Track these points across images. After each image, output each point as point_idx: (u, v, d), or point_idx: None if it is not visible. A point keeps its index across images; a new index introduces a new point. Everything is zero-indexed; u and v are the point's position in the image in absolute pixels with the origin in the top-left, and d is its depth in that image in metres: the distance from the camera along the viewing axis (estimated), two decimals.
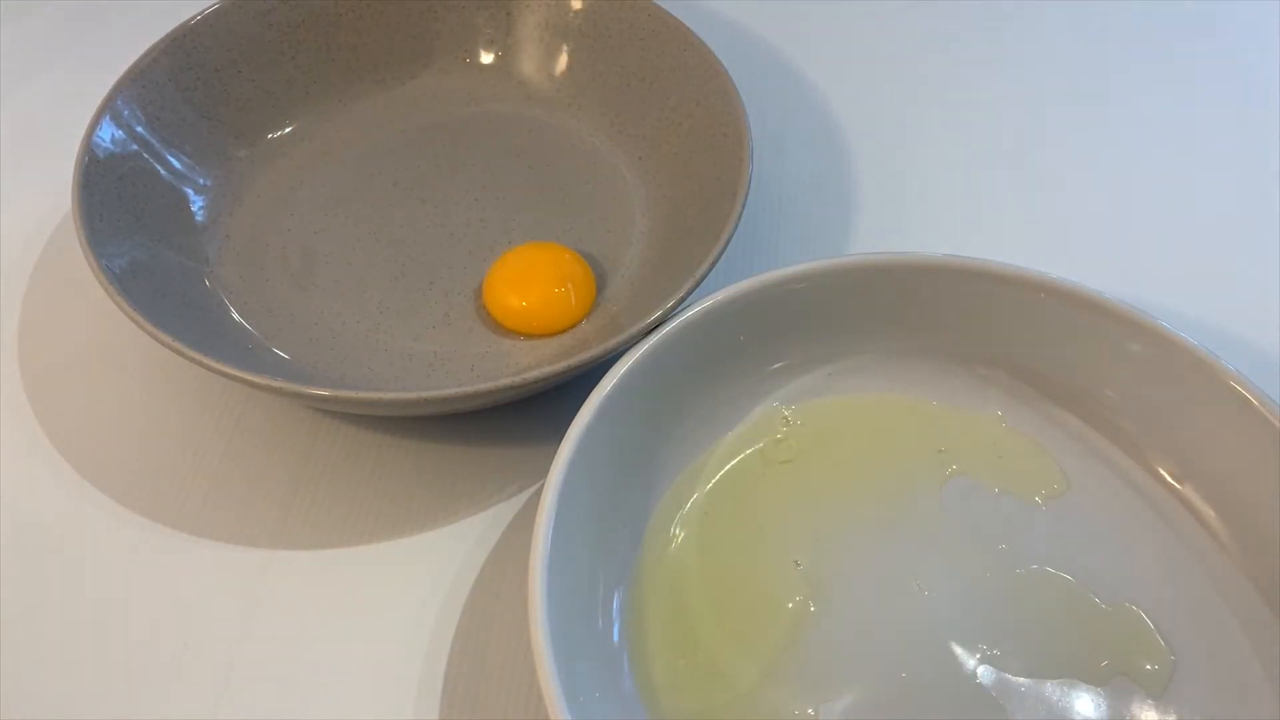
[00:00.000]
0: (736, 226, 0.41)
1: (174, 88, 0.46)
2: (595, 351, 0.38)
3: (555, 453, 0.35)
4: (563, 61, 0.51)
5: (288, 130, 0.49)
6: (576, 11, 0.50)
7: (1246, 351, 0.44)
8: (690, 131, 0.46)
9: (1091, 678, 0.35)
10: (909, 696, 0.35)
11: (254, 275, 0.45)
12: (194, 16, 0.47)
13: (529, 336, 0.43)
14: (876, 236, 0.49)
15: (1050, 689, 0.35)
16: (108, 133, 0.43)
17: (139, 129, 0.45)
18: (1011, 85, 0.55)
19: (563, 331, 0.43)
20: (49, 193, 0.48)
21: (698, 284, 0.39)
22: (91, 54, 0.55)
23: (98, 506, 0.40)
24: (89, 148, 0.42)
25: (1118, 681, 0.35)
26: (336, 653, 0.37)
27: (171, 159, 0.46)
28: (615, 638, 0.36)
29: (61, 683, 0.37)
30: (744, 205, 0.41)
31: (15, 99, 0.53)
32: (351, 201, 0.48)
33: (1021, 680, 0.35)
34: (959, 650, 0.36)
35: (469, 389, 0.37)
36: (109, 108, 0.44)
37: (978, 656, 0.36)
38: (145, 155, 0.45)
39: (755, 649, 0.36)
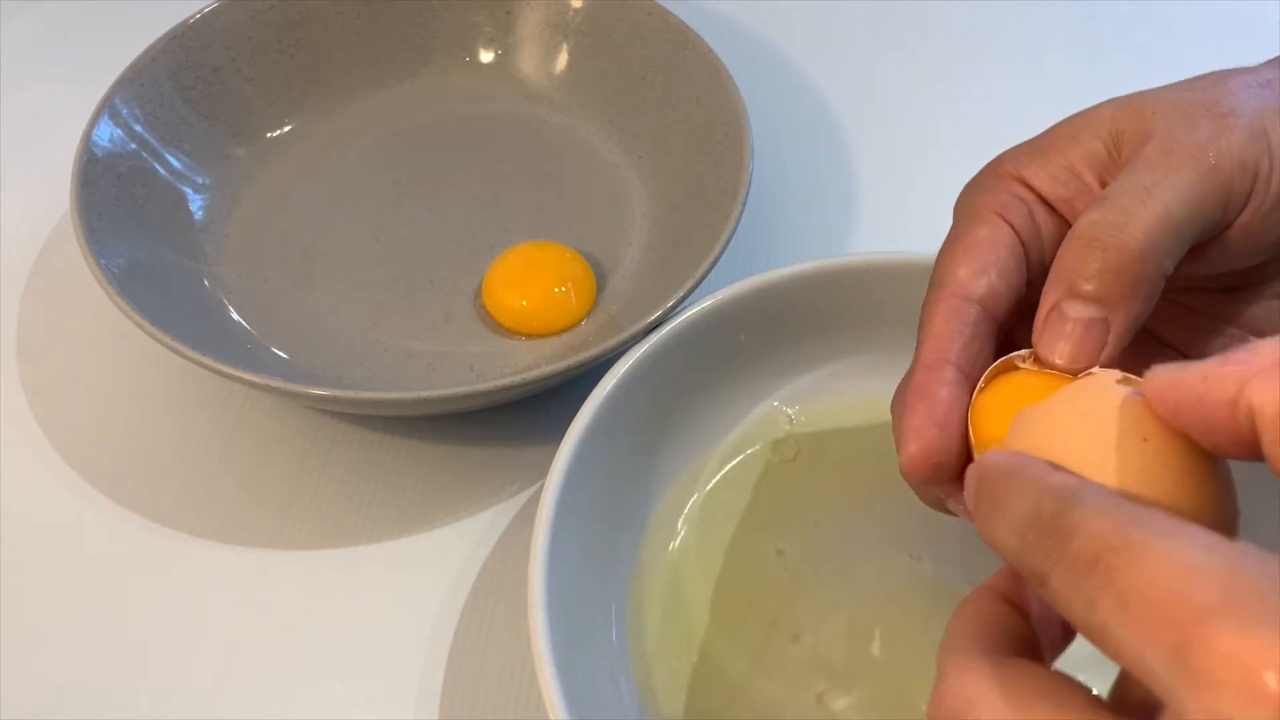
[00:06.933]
0: (736, 226, 0.41)
1: (172, 87, 0.46)
2: (595, 351, 0.38)
3: (555, 453, 0.35)
4: (563, 60, 0.51)
5: (286, 129, 0.49)
6: (576, 10, 0.50)
7: None
8: (690, 131, 0.46)
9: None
10: (911, 695, 0.35)
11: (253, 274, 0.45)
12: (192, 15, 0.47)
13: (529, 336, 0.43)
14: (876, 236, 0.49)
15: None
16: (106, 132, 0.43)
17: (137, 128, 0.45)
18: (1014, 84, 0.55)
19: (563, 331, 0.43)
20: (48, 192, 0.48)
21: (698, 284, 0.39)
22: (90, 53, 0.54)
23: (97, 506, 0.40)
24: (87, 147, 0.42)
25: None
26: (336, 653, 0.37)
27: (170, 158, 0.45)
28: (615, 637, 0.36)
29: (62, 682, 0.37)
30: (744, 205, 0.41)
31: (14, 99, 0.53)
32: (351, 201, 0.47)
33: None
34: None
35: (469, 389, 0.37)
36: (107, 107, 0.44)
37: None
38: (144, 154, 0.44)
39: (746, 643, 0.36)
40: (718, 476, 0.40)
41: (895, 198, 0.50)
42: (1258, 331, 0.31)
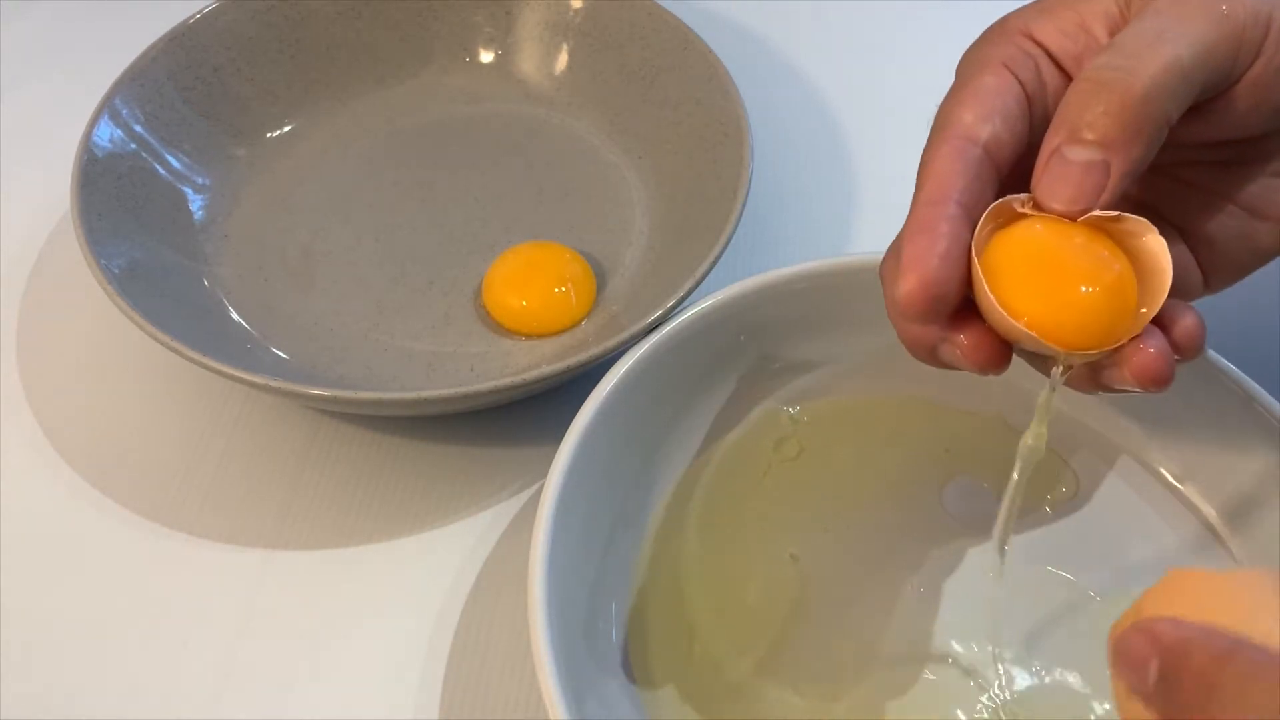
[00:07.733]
0: (736, 226, 0.41)
1: (173, 87, 0.46)
2: (595, 351, 0.38)
3: (555, 453, 0.35)
4: (563, 61, 0.51)
5: (286, 129, 0.49)
6: (576, 10, 0.50)
7: (1247, 352, 0.44)
8: (690, 131, 0.46)
9: (1092, 676, 0.35)
10: (907, 695, 0.35)
11: (253, 275, 0.45)
12: (192, 16, 0.47)
13: (529, 336, 0.43)
14: (876, 236, 0.49)
15: (1048, 688, 0.35)
16: (106, 132, 0.43)
17: (138, 128, 0.45)
18: None
19: (563, 331, 0.43)
20: (48, 193, 0.48)
21: (698, 284, 0.39)
22: (90, 54, 0.54)
23: (97, 507, 0.40)
24: (88, 147, 0.42)
25: None
26: (336, 653, 0.37)
27: (170, 158, 0.46)
28: (615, 637, 0.36)
29: (61, 682, 0.36)
30: (744, 205, 0.41)
31: (15, 99, 0.53)
32: (351, 201, 0.47)
33: (1017, 676, 0.35)
34: (957, 647, 0.36)
35: (469, 389, 0.37)
36: (108, 107, 0.44)
37: (974, 653, 0.36)
38: (144, 155, 0.44)
39: (749, 643, 0.36)
40: (719, 476, 0.39)
41: (895, 198, 0.50)
42: (1256, 210, 0.31)
